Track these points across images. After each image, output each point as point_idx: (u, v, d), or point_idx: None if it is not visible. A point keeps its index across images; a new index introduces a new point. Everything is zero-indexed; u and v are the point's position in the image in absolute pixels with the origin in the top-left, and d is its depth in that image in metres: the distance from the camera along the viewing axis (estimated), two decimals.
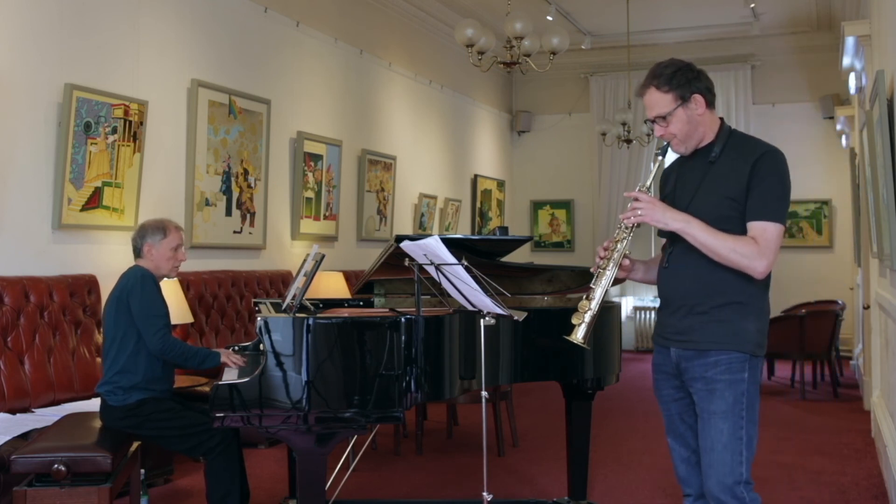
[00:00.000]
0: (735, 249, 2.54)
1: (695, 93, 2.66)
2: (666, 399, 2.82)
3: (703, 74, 2.71)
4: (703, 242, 2.57)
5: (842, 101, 9.97)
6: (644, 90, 2.72)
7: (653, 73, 2.71)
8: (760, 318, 2.67)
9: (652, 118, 2.71)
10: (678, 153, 2.77)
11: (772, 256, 2.55)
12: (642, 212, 2.61)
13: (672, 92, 2.65)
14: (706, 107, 2.68)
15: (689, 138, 2.71)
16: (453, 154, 10.44)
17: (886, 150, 4.26)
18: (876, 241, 5.35)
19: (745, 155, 2.62)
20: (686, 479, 2.82)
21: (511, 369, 3.78)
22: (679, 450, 2.82)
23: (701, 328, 2.65)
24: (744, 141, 2.70)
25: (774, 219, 2.56)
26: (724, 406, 2.60)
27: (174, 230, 3.97)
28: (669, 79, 2.66)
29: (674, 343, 2.73)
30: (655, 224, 2.63)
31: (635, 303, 11.79)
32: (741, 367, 2.61)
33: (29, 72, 4.84)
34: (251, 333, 6.16)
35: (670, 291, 2.75)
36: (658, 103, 2.68)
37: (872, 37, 5.84)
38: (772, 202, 2.57)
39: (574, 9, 10.04)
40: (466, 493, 4.74)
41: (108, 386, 3.79)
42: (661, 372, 2.82)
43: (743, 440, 2.60)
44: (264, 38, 6.94)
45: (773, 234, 2.55)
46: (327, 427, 3.28)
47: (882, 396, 5.82)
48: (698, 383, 2.66)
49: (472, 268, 3.12)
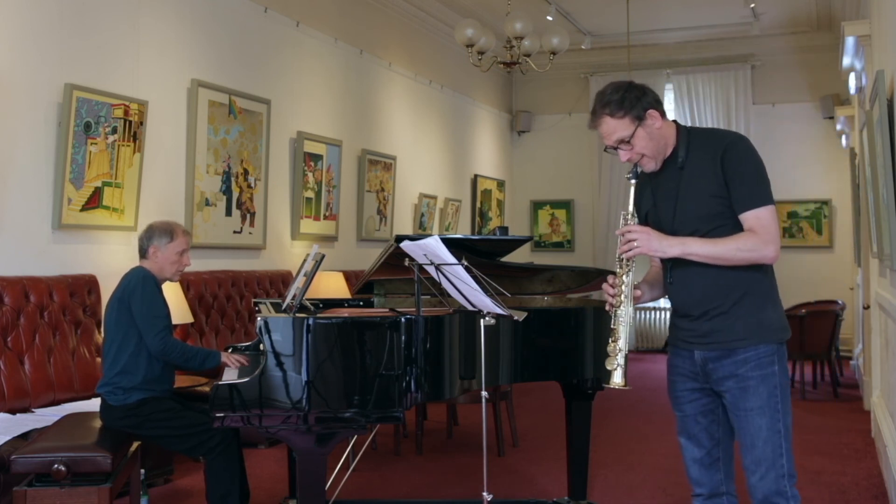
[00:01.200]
0: (740, 248, 2.55)
1: (647, 108, 2.65)
2: (681, 400, 2.80)
3: (647, 88, 2.71)
4: (707, 255, 2.58)
5: (842, 101, 9.97)
6: (598, 120, 2.71)
7: (600, 101, 2.69)
8: (777, 303, 2.69)
9: (614, 145, 2.70)
10: (650, 171, 2.74)
11: (776, 239, 2.57)
12: (639, 244, 2.60)
13: (627, 115, 2.65)
14: (661, 118, 2.68)
15: (656, 153, 2.70)
16: (453, 154, 10.44)
17: (886, 150, 4.26)
18: (876, 241, 5.35)
19: (710, 151, 2.63)
20: (699, 480, 2.80)
21: (511, 369, 3.78)
22: (692, 450, 2.80)
23: (725, 328, 2.63)
24: (704, 137, 2.71)
25: (762, 202, 2.57)
26: (759, 402, 2.60)
27: (181, 234, 3.97)
28: (620, 103, 2.65)
29: (698, 346, 2.70)
30: (654, 254, 2.65)
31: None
32: (770, 361, 2.61)
33: (29, 72, 4.84)
34: (251, 333, 6.16)
35: (683, 302, 2.74)
36: (616, 129, 2.67)
37: (872, 37, 5.84)
38: (754, 187, 2.58)
39: (574, 9, 10.04)
40: (466, 493, 4.74)
41: (108, 386, 3.79)
42: (677, 374, 2.80)
43: (781, 432, 2.60)
44: (264, 38, 6.94)
45: (769, 218, 2.57)
46: (327, 427, 3.28)
47: (882, 396, 5.82)
48: (730, 381, 2.64)
49: (472, 268, 3.12)
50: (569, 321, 3.97)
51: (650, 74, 11.36)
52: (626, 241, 2.62)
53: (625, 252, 2.63)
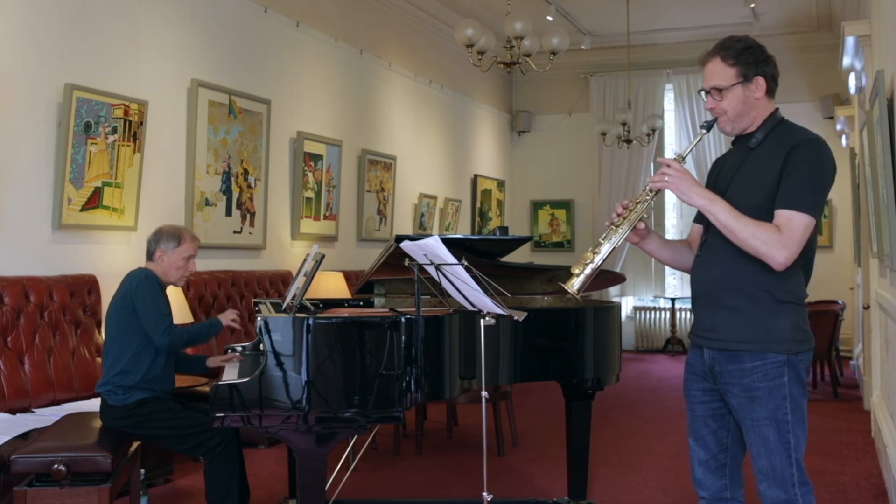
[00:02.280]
0: (756, 235, 2.44)
1: (759, 75, 2.58)
2: (693, 399, 2.74)
3: (773, 61, 2.62)
4: (724, 223, 2.48)
5: (842, 101, 9.97)
6: (708, 58, 2.63)
7: (722, 43, 2.61)
8: (796, 312, 2.55)
9: (707, 88, 2.63)
10: (724, 132, 2.67)
11: (794, 248, 2.44)
12: (669, 179, 2.54)
13: (736, 67, 2.57)
14: (765, 93, 2.60)
15: (739, 118, 2.62)
16: (453, 154, 10.44)
17: (886, 150, 4.26)
18: (876, 241, 5.35)
19: (783, 144, 2.53)
20: (702, 482, 2.74)
21: (511, 369, 3.77)
22: (699, 452, 2.74)
23: (728, 326, 2.56)
24: (787, 130, 2.61)
25: (802, 208, 2.45)
26: (767, 413, 2.52)
27: (189, 240, 3.97)
28: (738, 53, 2.57)
29: (706, 342, 2.64)
30: (679, 195, 2.54)
31: (635, 303, 11.80)
32: (779, 373, 2.51)
33: (29, 72, 4.84)
34: (251, 333, 6.16)
35: (699, 282, 2.67)
36: (718, 74, 2.59)
37: (872, 37, 5.85)
38: (801, 191, 2.46)
39: (574, 9, 10.04)
40: (466, 493, 4.74)
41: (108, 386, 3.79)
42: (691, 372, 2.75)
43: (791, 443, 2.52)
44: (264, 38, 6.94)
45: (799, 225, 2.44)
46: (327, 427, 3.28)
47: (882, 396, 5.82)
48: (736, 389, 2.56)
49: (472, 268, 3.12)
50: (569, 321, 3.97)
51: (650, 74, 11.38)
52: (660, 172, 2.57)
53: (654, 181, 2.57)
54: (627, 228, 2.60)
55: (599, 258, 2.57)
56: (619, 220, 2.61)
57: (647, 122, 10.15)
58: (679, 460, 5.46)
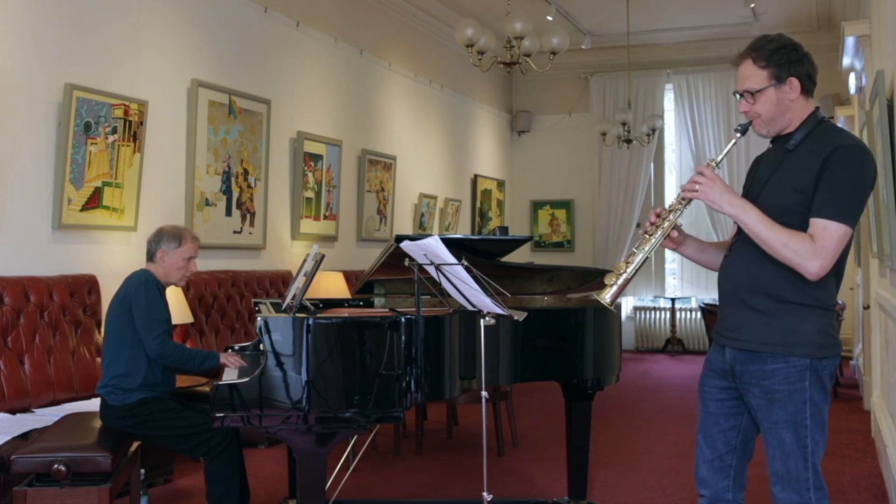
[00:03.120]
0: (788, 245, 2.38)
1: (792, 76, 2.50)
2: (707, 396, 2.71)
3: (808, 59, 2.54)
4: (756, 233, 2.43)
5: (842, 101, 9.96)
6: (741, 60, 2.56)
7: (755, 44, 2.54)
8: (823, 317, 2.49)
9: (741, 91, 2.56)
10: (759, 134, 2.60)
11: (829, 258, 2.37)
12: (700, 188, 2.48)
13: (768, 69, 2.50)
14: (801, 93, 2.52)
15: (773, 121, 2.55)
16: (453, 154, 10.44)
17: (886, 150, 4.26)
18: (876, 241, 5.35)
19: (822, 147, 2.45)
20: (705, 481, 2.72)
21: (511, 369, 3.77)
22: (705, 450, 2.71)
23: (752, 327, 2.52)
24: (827, 133, 2.53)
25: (838, 218, 2.37)
26: (786, 416, 2.48)
27: (190, 240, 3.95)
28: (770, 55, 2.50)
29: (728, 342, 2.60)
30: (710, 204, 2.49)
31: (635, 303, 11.79)
32: (801, 376, 2.47)
33: (29, 72, 4.84)
34: (251, 333, 6.16)
35: (726, 282, 2.63)
36: (751, 77, 2.53)
37: (872, 37, 5.85)
38: (839, 199, 2.38)
39: (574, 9, 10.04)
40: (466, 493, 4.74)
41: (107, 387, 3.78)
42: (710, 369, 2.71)
43: (808, 448, 2.49)
44: (264, 38, 6.94)
45: (834, 234, 2.37)
46: (327, 427, 3.28)
47: (882, 396, 5.82)
48: (756, 390, 2.53)
49: (472, 268, 3.12)
50: (569, 321, 3.97)
51: (650, 74, 11.38)
52: (692, 180, 2.51)
53: (686, 190, 2.52)
54: (660, 237, 2.57)
55: (632, 268, 2.54)
56: (652, 228, 2.58)
57: (647, 122, 10.16)
58: (679, 460, 5.46)
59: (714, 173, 2.51)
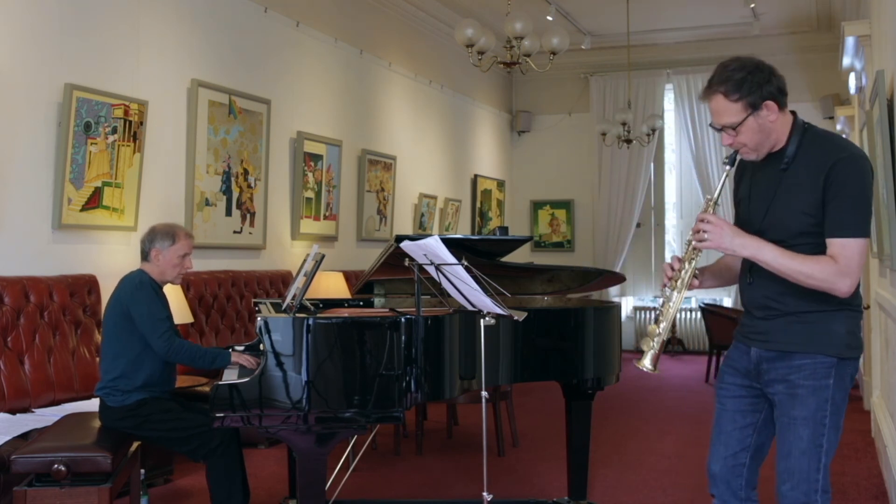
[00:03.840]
0: (813, 275, 2.40)
1: (766, 99, 2.46)
2: (725, 393, 2.71)
3: (774, 74, 2.50)
4: (777, 269, 2.43)
5: (842, 101, 9.96)
6: (711, 95, 2.51)
7: (719, 76, 2.49)
8: (851, 318, 2.52)
9: (719, 127, 2.53)
10: (749, 160, 2.59)
11: (855, 275, 2.40)
12: (710, 237, 2.46)
13: (742, 101, 2.46)
14: (778, 111, 2.50)
15: (760, 146, 2.53)
16: (453, 154, 10.44)
17: (886, 150, 4.26)
18: (876, 241, 5.35)
19: (818, 162, 2.45)
20: (717, 478, 2.71)
21: (511, 369, 3.78)
22: (719, 447, 2.71)
23: (784, 329, 2.53)
24: (818, 143, 2.51)
25: (855, 234, 2.40)
26: (806, 412, 2.48)
27: (184, 238, 3.94)
28: (739, 85, 2.45)
29: (755, 343, 2.60)
30: (724, 251, 2.50)
31: (635, 303, 11.79)
32: (826, 374, 2.48)
33: (29, 72, 4.84)
34: (251, 333, 6.16)
35: (754, 301, 2.63)
36: (726, 112, 2.48)
37: (872, 37, 5.84)
38: (851, 215, 2.40)
39: (574, 9, 10.04)
40: (466, 493, 4.74)
41: (106, 389, 3.78)
42: (730, 367, 2.71)
43: (823, 447, 2.50)
44: (264, 38, 6.94)
45: (855, 251, 2.40)
46: (327, 427, 3.28)
47: (882, 396, 5.82)
48: (779, 385, 2.53)
49: (472, 268, 3.12)
50: (569, 321, 3.97)
51: (650, 74, 11.37)
52: (698, 229, 2.49)
53: (695, 236, 2.50)
54: (684, 289, 2.57)
55: (665, 327, 2.55)
56: (672, 284, 2.58)
57: (647, 122, 10.15)
58: (679, 460, 5.46)
59: (718, 217, 2.49)
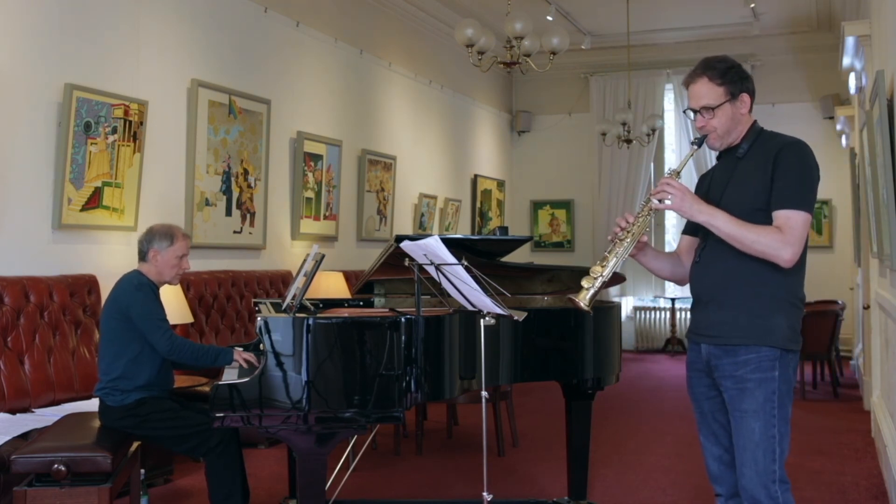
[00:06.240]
0: (759, 240, 2.56)
1: (743, 92, 2.72)
2: (699, 397, 2.83)
3: (751, 78, 2.78)
4: (728, 233, 2.60)
5: (842, 101, 9.97)
6: (696, 79, 2.74)
7: (706, 64, 2.75)
8: (793, 311, 2.66)
9: (697, 108, 2.74)
10: (712, 147, 2.80)
11: (797, 245, 2.56)
12: (671, 199, 2.64)
13: (724, 86, 2.70)
14: (749, 108, 2.75)
15: (727, 134, 2.75)
16: (453, 154, 10.44)
17: (886, 150, 4.26)
18: (876, 241, 5.35)
19: (769, 149, 2.67)
20: (718, 478, 2.82)
21: (511, 369, 3.78)
22: (711, 448, 2.82)
23: (730, 322, 2.65)
24: (770, 137, 2.75)
25: (798, 206, 2.58)
26: (755, 405, 2.61)
27: (182, 238, 3.94)
28: (724, 73, 2.71)
29: (704, 339, 2.74)
30: (682, 214, 2.66)
31: (635, 303, 11.79)
32: (771, 366, 2.61)
33: (29, 72, 4.83)
34: (251, 333, 6.16)
35: (700, 286, 2.78)
36: (708, 94, 2.72)
37: (872, 37, 5.84)
38: (794, 190, 2.59)
39: (574, 9, 10.04)
40: (466, 493, 4.74)
41: (105, 389, 3.78)
42: (693, 369, 2.83)
43: (776, 438, 2.60)
44: (264, 38, 6.94)
45: (798, 222, 2.57)
46: (327, 427, 3.28)
47: (882, 396, 5.82)
48: (728, 381, 2.66)
49: (472, 268, 3.12)
50: (569, 321, 3.97)
51: (650, 74, 11.37)
52: (661, 191, 2.66)
53: (656, 196, 2.67)
54: (632, 242, 2.71)
55: (608, 271, 2.67)
56: (624, 234, 2.71)
57: (646, 122, 10.16)
58: (679, 460, 5.46)
59: (680, 184, 2.68)
